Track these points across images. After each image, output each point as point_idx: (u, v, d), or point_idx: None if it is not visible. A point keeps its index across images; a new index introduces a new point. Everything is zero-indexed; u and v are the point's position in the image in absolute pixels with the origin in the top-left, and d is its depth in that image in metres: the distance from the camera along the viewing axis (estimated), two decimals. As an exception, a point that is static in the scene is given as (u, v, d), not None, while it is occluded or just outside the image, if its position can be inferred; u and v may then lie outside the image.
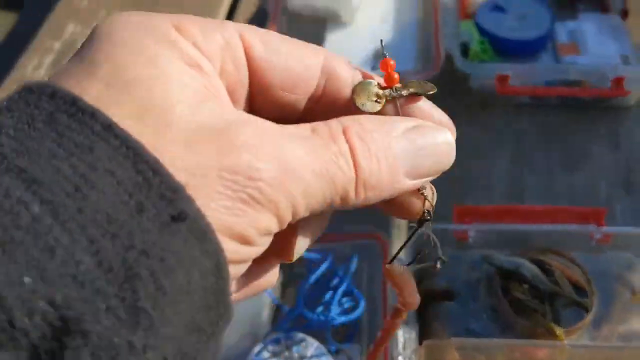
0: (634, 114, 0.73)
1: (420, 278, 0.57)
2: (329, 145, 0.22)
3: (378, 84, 0.26)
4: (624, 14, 0.78)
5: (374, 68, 0.76)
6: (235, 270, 0.21)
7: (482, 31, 0.73)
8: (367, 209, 0.25)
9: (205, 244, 0.19)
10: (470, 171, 0.68)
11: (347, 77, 0.26)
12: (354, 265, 0.55)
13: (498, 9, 0.75)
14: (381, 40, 0.28)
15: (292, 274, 0.59)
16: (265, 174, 0.20)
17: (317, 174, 0.21)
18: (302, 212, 0.22)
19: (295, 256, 0.26)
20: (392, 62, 0.26)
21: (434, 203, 0.27)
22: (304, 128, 0.22)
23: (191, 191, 0.19)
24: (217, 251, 0.19)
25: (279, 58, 0.25)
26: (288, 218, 0.21)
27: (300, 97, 0.25)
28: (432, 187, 0.27)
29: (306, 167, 0.21)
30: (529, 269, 0.55)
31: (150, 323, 0.17)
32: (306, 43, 0.26)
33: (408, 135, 0.24)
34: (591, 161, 0.69)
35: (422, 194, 0.26)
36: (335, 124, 0.23)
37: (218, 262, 0.19)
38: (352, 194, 0.22)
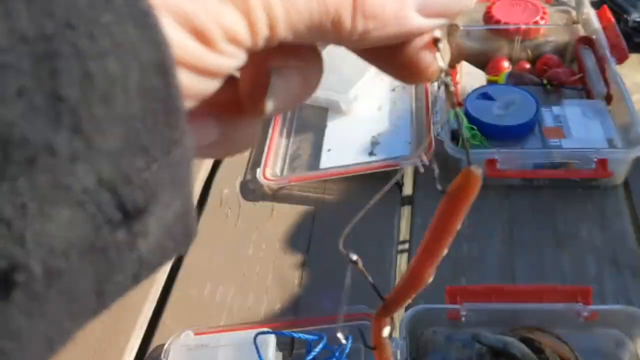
0: (620, 192, 0.76)
1: (417, 355, 0.59)
2: None
3: None
4: (608, 98, 0.83)
5: (370, 154, 0.81)
6: (197, 84, 0.17)
7: (471, 118, 0.78)
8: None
9: (146, 30, 0.14)
10: (463, 252, 0.71)
11: None
12: (349, 345, 0.58)
13: (486, 97, 0.80)
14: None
15: (292, 357, 0.62)
16: None
17: None
18: (282, 30, 0.17)
19: (274, 108, 0.20)
20: None
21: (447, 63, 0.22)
22: None
23: None
24: (161, 42, 0.15)
25: None
26: (262, 29, 0.17)
27: None
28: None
29: None
30: (519, 347, 0.57)
31: (77, 121, 0.13)
32: None
33: None
34: (580, 239, 0.72)
35: (437, 44, 0.21)
36: None
37: (163, 59, 0.15)
38: (347, 21, 0.18)
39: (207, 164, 0.87)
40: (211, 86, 0.17)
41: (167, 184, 0.15)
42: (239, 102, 0.21)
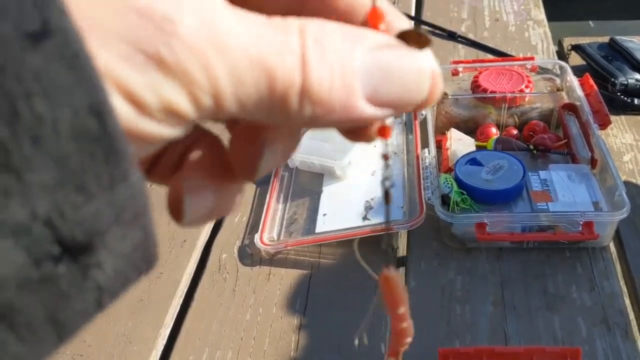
0: (608, 253, 0.78)
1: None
2: (276, 34, 0.18)
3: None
4: (592, 162, 0.86)
5: (364, 218, 0.84)
6: (136, 148, 0.17)
7: (460, 183, 0.81)
8: None
9: (77, 72, 0.14)
10: (456, 314, 0.73)
11: None
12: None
13: (474, 162, 0.83)
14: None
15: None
16: (182, 29, 0.16)
17: (251, 58, 0.17)
18: (229, 103, 0.17)
19: (261, 174, 0.22)
20: (380, 12, 0.21)
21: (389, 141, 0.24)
22: (258, 14, 0.18)
23: (87, 21, 0.15)
24: (93, 84, 0.15)
25: None
26: (206, 102, 0.17)
27: None
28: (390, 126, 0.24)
29: (239, 44, 0.17)
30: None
31: (6, 157, 0.14)
32: None
33: (375, 51, 0.19)
34: (570, 300, 0.73)
35: (385, 133, 0.22)
36: (293, 19, 0.19)
37: (96, 100, 0.15)
38: (294, 103, 0.18)
39: (207, 229, 0.90)
40: (149, 150, 0.18)
41: (113, 218, 0.16)
42: (228, 169, 0.22)
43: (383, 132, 0.23)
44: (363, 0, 0.22)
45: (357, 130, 0.23)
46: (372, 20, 0.21)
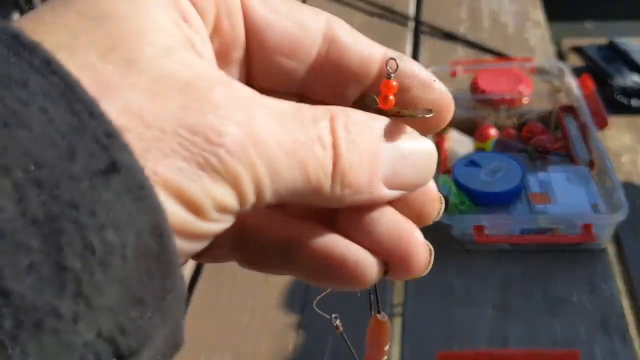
0: (608, 256, 0.78)
1: None
2: (308, 126, 0.20)
3: (375, 99, 0.24)
4: (591, 164, 0.86)
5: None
6: (187, 246, 0.19)
7: (459, 185, 0.80)
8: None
9: (142, 201, 0.16)
10: (455, 317, 0.72)
11: (350, 43, 0.24)
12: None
13: (473, 164, 0.83)
14: (393, 59, 0.24)
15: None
16: (229, 139, 0.18)
17: (287, 152, 0.19)
18: (269, 195, 0.19)
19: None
20: (394, 84, 0.23)
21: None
22: (288, 103, 0.20)
23: (143, 144, 0.17)
24: (156, 209, 0.16)
25: (279, 18, 0.23)
26: (250, 197, 0.19)
27: (300, 65, 0.24)
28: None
29: (275, 141, 0.19)
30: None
31: (78, 287, 0.15)
32: (306, 5, 0.24)
33: (393, 138, 0.22)
34: (570, 303, 0.73)
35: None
36: (323, 108, 0.21)
37: (157, 223, 0.16)
38: (326, 187, 0.20)
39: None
40: (201, 246, 0.20)
41: (159, 326, 0.17)
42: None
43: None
44: (375, 57, 0.24)
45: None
46: (384, 90, 0.23)
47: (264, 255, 0.24)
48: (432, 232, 0.81)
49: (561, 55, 1.20)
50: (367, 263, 0.23)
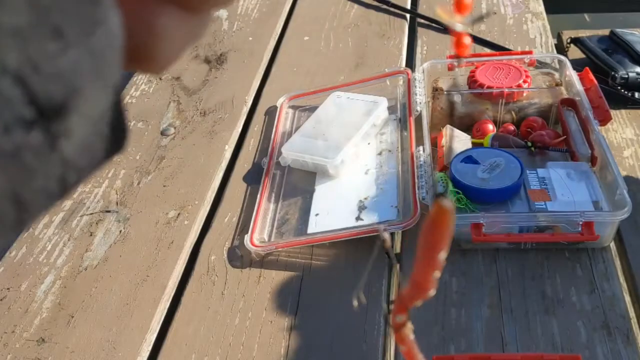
0: (609, 255, 0.76)
1: None
2: None
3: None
4: (592, 160, 0.83)
5: (357, 218, 0.81)
6: None
7: (455, 182, 0.78)
8: None
9: None
10: (451, 318, 0.70)
11: None
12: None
13: (470, 160, 0.81)
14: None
15: None
16: None
17: None
18: None
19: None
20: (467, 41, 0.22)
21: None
22: None
23: None
24: None
25: None
26: None
27: None
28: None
29: None
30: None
31: None
32: None
33: None
34: (570, 304, 0.71)
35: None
36: None
37: None
38: None
39: (195, 229, 0.87)
40: None
41: (89, 73, 0.13)
42: None
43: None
44: None
45: None
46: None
47: None
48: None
49: (561, 48, 1.18)
50: None
